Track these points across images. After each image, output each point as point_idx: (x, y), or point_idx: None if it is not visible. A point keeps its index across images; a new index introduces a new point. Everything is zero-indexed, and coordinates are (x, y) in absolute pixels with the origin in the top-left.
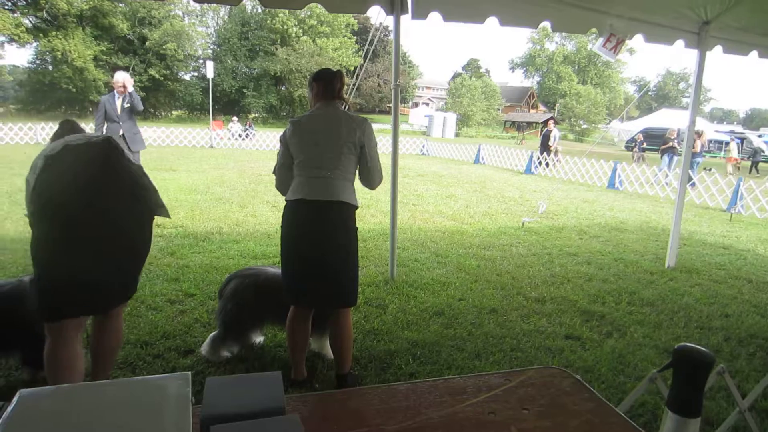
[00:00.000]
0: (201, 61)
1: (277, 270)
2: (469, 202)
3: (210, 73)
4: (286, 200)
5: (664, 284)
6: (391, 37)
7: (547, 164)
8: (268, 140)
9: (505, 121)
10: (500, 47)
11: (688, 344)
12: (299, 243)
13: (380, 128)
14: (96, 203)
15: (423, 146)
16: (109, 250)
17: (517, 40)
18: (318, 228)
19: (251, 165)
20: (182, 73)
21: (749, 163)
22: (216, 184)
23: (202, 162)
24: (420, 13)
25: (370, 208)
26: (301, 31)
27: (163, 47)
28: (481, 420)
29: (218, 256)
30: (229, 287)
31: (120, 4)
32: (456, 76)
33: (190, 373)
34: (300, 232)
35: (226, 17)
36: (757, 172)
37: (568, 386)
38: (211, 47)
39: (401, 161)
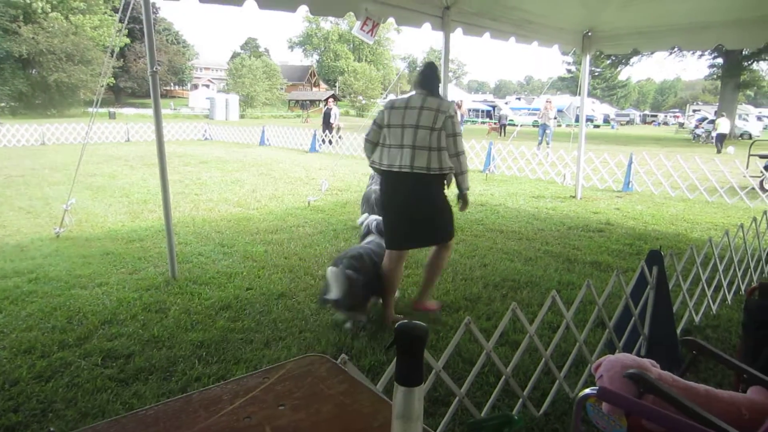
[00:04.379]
0: None
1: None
2: (255, 186)
3: None
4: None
5: None
6: (159, 15)
7: (330, 142)
8: (19, 134)
9: (289, 101)
10: (277, 26)
11: (405, 321)
12: None
13: (149, 113)
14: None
15: (205, 131)
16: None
17: (294, 18)
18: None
19: None
20: None
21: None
22: None
23: None
24: None
25: (148, 203)
26: (49, 6)
27: None
28: (235, 428)
29: None
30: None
31: None
32: (235, 56)
33: None
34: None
35: None
36: (504, 135)
37: (324, 371)
38: None
39: (182, 148)
